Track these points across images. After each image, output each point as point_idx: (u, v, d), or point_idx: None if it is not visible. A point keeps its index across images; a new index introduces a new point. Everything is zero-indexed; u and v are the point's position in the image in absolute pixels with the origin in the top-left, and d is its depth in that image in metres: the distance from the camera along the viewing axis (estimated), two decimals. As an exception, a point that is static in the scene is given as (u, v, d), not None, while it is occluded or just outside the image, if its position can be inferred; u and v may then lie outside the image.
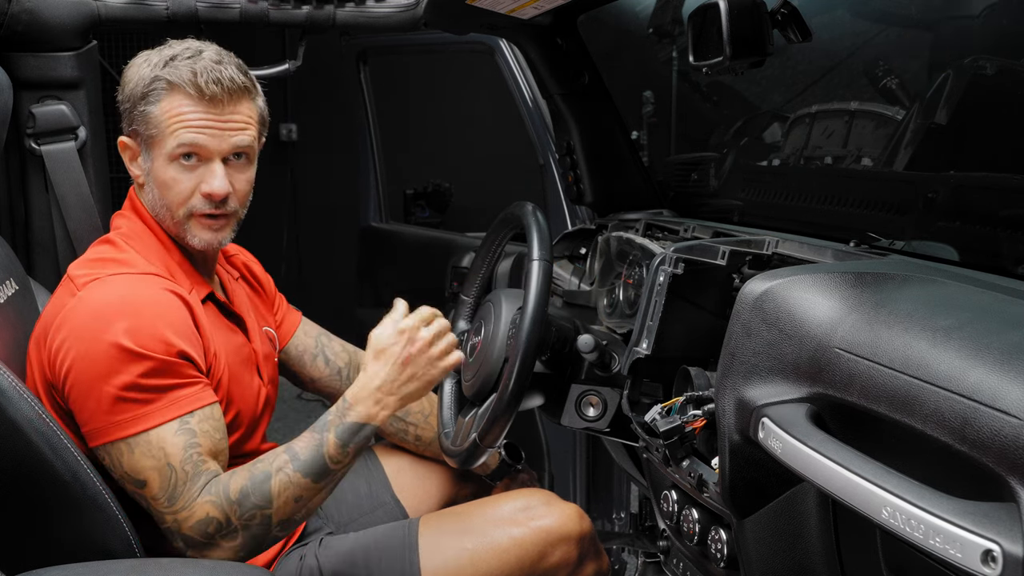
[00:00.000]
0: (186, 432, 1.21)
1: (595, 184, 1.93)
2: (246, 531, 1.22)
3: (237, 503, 1.21)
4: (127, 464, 1.19)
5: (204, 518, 1.20)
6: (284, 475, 1.24)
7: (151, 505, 1.21)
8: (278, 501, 1.23)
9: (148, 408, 1.19)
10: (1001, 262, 1.33)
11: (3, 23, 1.55)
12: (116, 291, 1.23)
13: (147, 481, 1.19)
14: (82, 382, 1.19)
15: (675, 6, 2.25)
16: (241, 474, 1.24)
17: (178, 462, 1.19)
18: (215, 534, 1.20)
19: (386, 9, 1.76)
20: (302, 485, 1.24)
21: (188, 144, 1.28)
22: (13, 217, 1.66)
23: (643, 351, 1.35)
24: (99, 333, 1.18)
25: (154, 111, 1.28)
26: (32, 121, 1.61)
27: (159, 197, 1.32)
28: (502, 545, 1.41)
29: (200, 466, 1.21)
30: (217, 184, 1.29)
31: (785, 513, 0.95)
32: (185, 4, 1.66)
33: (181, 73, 1.27)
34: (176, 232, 1.34)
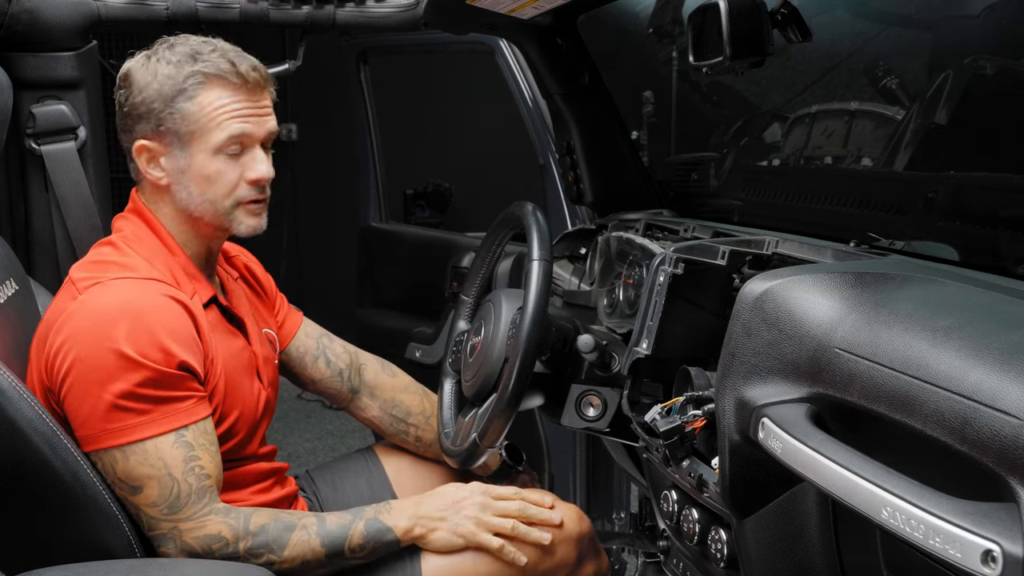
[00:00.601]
0: (184, 445, 1.21)
1: (595, 184, 1.93)
2: (246, 562, 1.23)
3: (252, 535, 1.23)
4: (121, 471, 1.19)
5: (214, 534, 1.21)
6: (306, 533, 1.26)
7: (144, 511, 1.20)
8: (290, 552, 1.25)
9: (144, 418, 1.19)
10: (1001, 262, 1.33)
11: (3, 23, 1.55)
12: (118, 296, 1.22)
13: (143, 488, 1.19)
14: (79, 386, 1.18)
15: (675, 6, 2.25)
16: (266, 512, 1.27)
17: (180, 474, 1.20)
18: (216, 552, 1.21)
19: (386, 9, 1.76)
20: (315, 552, 1.27)
21: (238, 135, 1.28)
22: (13, 217, 1.66)
23: (643, 351, 1.35)
24: (99, 338, 1.18)
25: (191, 107, 1.27)
26: (32, 121, 1.61)
27: (200, 192, 1.30)
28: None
29: (204, 481, 1.22)
30: (264, 169, 1.32)
31: (785, 513, 0.95)
32: (185, 4, 1.66)
33: (218, 64, 1.28)
34: (219, 225, 1.33)
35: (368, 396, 1.66)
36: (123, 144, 1.36)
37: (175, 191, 1.32)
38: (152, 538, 1.22)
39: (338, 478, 1.67)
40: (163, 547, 1.21)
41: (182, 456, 1.20)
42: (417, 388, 1.70)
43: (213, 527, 1.21)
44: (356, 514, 1.31)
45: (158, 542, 1.22)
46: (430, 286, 2.61)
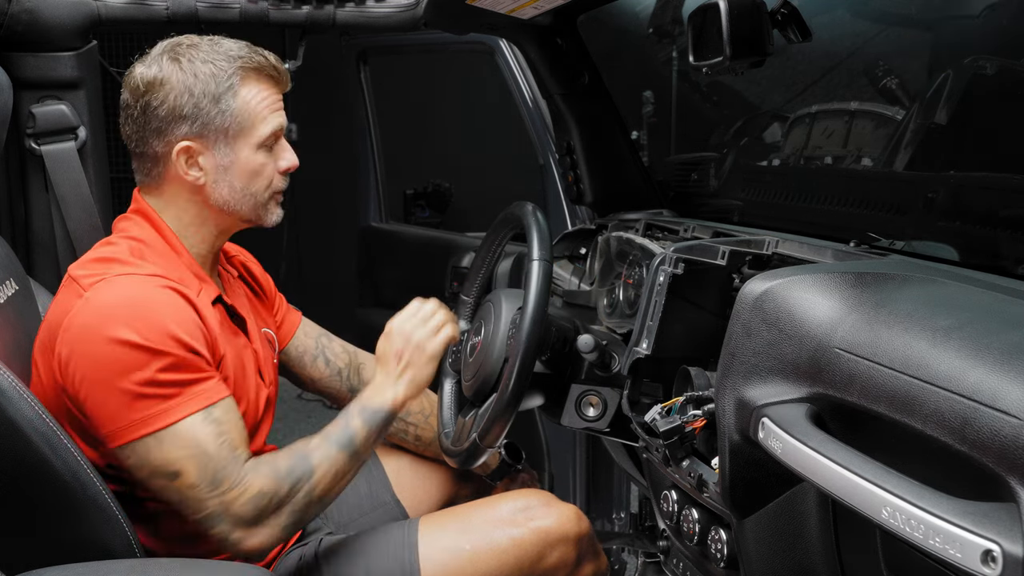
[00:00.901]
0: (213, 423, 1.21)
1: (595, 184, 1.93)
2: (291, 505, 1.25)
3: (286, 476, 1.25)
4: (157, 458, 1.19)
5: (258, 492, 1.22)
6: (322, 450, 1.30)
7: (187, 495, 1.20)
8: (319, 472, 1.28)
9: (171, 403, 1.19)
10: (1001, 262, 1.33)
11: (3, 23, 1.55)
12: (122, 291, 1.22)
13: (181, 471, 1.19)
14: (98, 383, 1.18)
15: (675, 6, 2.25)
16: (282, 454, 1.28)
17: (213, 449, 1.20)
18: (267, 508, 1.23)
19: (386, 9, 1.76)
20: (337, 459, 1.30)
21: (279, 127, 1.34)
22: (13, 217, 1.67)
23: (643, 351, 1.35)
24: (109, 333, 1.17)
25: (235, 103, 1.29)
26: (32, 121, 1.61)
27: (244, 186, 1.33)
28: (501, 545, 1.41)
29: (235, 451, 1.23)
30: (294, 157, 1.38)
31: (785, 513, 0.95)
32: (185, 4, 1.66)
33: (256, 59, 1.31)
34: (255, 216, 1.37)
35: None
36: (147, 149, 1.31)
37: (213, 189, 1.32)
38: (201, 522, 1.22)
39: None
40: (215, 528, 1.22)
41: (214, 432, 1.21)
42: None
43: (255, 486, 1.23)
44: (346, 415, 1.34)
45: (209, 524, 1.21)
46: (430, 286, 2.60)
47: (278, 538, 1.25)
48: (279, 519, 1.25)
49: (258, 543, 1.24)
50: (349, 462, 1.31)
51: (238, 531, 1.22)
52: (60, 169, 1.63)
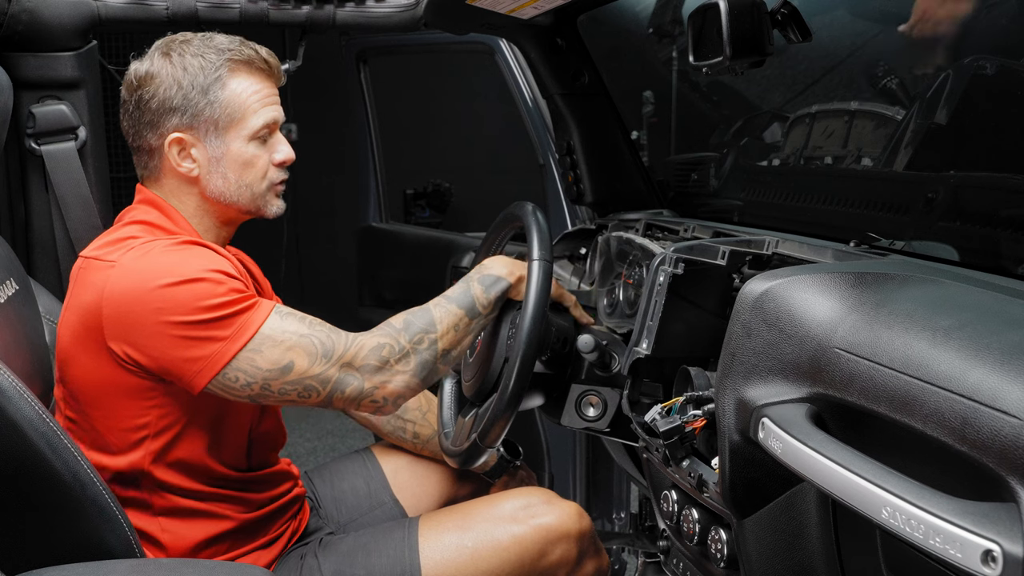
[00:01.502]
0: (289, 314, 1.26)
1: (595, 184, 1.93)
2: (417, 355, 1.30)
3: (403, 329, 1.30)
4: (264, 363, 1.21)
5: (376, 345, 1.27)
6: (442, 306, 1.34)
7: (307, 378, 1.24)
8: (441, 326, 1.32)
9: (244, 316, 1.21)
10: (1001, 262, 1.33)
11: (3, 23, 1.55)
12: (152, 252, 1.23)
13: (293, 360, 1.23)
14: (167, 332, 1.18)
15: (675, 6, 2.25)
16: (399, 315, 1.33)
17: (307, 329, 1.25)
18: (389, 357, 1.27)
19: (386, 9, 1.76)
20: (458, 315, 1.34)
21: (272, 120, 1.34)
22: (13, 217, 1.67)
23: (643, 351, 1.35)
24: (155, 284, 1.19)
25: (224, 95, 1.30)
26: (32, 121, 1.61)
27: (237, 178, 1.34)
28: (502, 543, 1.41)
29: (325, 325, 1.28)
30: (289, 150, 1.38)
31: (785, 513, 0.95)
32: (185, 4, 1.66)
33: (245, 52, 1.32)
34: (252, 208, 1.37)
35: None
36: (143, 142, 1.34)
37: (207, 180, 1.33)
38: (332, 393, 1.26)
39: (336, 478, 1.67)
40: (348, 388, 1.26)
41: (296, 319, 1.26)
42: None
43: (370, 341, 1.27)
44: (466, 280, 1.39)
45: (339, 388, 1.26)
46: (430, 286, 2.61)
47: (413, 385, 1.30)
48: (408, 366, 1.29)
49: (395, 389, 1.28)
50: (469, 321, 1.35)
51: (370, 381, 1.27)
52: (60, 169, 1.63)
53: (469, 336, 1.36)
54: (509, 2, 1.61)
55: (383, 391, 1.28)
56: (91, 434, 1.29)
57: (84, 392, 1.27)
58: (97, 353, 1.22)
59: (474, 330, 1.37)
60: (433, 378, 1.33)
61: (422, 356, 1.30)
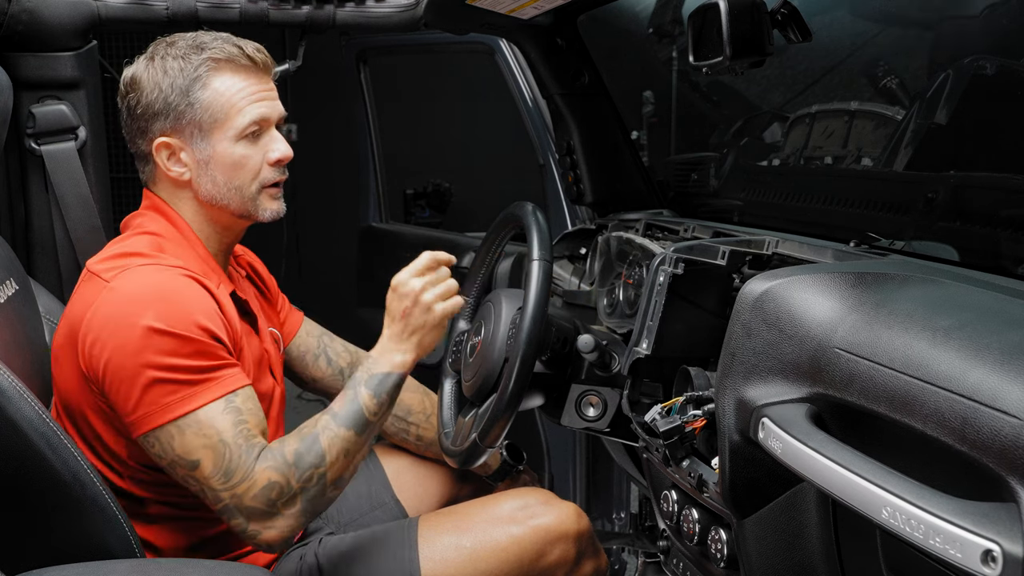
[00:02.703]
0: (233, 410, 1.21)
1: (595, 184, 1.93)
2: (304, 494, 1.22)
3: (294, 465, 1.22)
4: (179, 447, 1.18)
5: (266, 484, 1.20)
6: (330, 431, 1.25)
7: (205, 486, 1.20)
8: (330, 457, 1.24)
9: (193, 389, 1.18)
10: (1001, 262, 1.33)
11: (3, 23, 1.55)
12: (146, 279, 1.23)
13: (200, 461, 1.18)
14: (123, 370, 1.18)
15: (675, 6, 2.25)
16: (291, 439, 1.25)
17: (230, 438, 1.19)
18: (277, 500, 1.21)
19: (386, 9, 1.76)
20: (347, 438, 1.26)
21: (259, 118, 1.30)
22: (13, 217, 1.67)
23: (643, 351, 1.35)
24: (134, 319, 1.17)
25: (206, 95, 1.28)
26: (32, 121, 1.61)
27: (227, 180, 1.31)
28: (501, 544, 1.41)
29: (251, 439, 1.21)
30: (285, 148, 1.33)
31: (785, 513, 0.95)
32: (185, 4, 1.66)
33: (227, 49, 1.28)
34: (243, 211, 1.34)
35: None
36: (137, 149, 1.34)
37: (199, 184, 1.32)
38: (220, 513, 1.22)
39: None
40: (232, 520, 1.21)
41: (232, 421, 1.20)
42: (417, 387, 1.70)
43: (262, 478, 1.20)
44: (353, 386, 1.29)
45: (227, 516, 1.21)
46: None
47: (296, 527, 1.24)
48: (293, 509, 1.22)
49: (276, 535, 1.22)
50: (359, 439, 1.27)
51: (253, 524, 1.21)
52: (60, 169, 1.63)
53: (364, 450, 1.29)
54: (509, 2, 1.61)
55: (264, 536, 1.22)
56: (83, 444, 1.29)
57: (68, 401, 1.28)
58: (75, 364, 1.24)
59: (369, 438, 1.30)
60: (323, 509, 1.27)
61: (309, 495, 1.23)
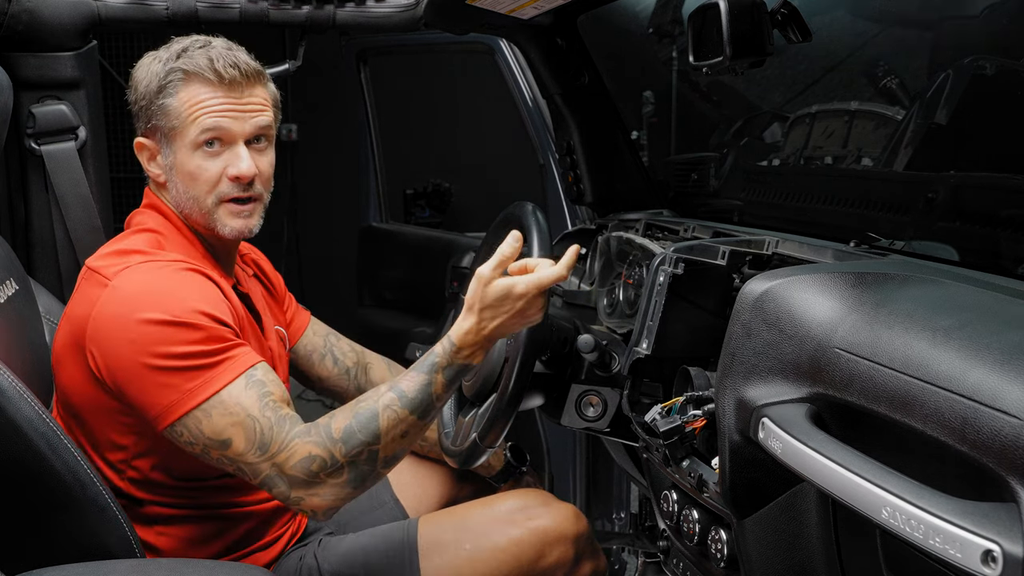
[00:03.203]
0: (255, 384, 1.20)
1: (595, 184, 1.93)
2: (353, 468, 1.20)
3: (342, 441, 1.19)
4: (207, 430, 1.18)
5: (306, 456, 1.18)
6: (393, 412, 1.22)
7: (241, 462, 1.19)
8: (386, 438, 1.21)
9: (211, 372, 1.18)
10: (1001, 262, 1.33)
11: (3, 23, 1.55)
12: (147, 276, 1.23)
13: (232, 439, 1.18)
14: (137, 367, 1.17)
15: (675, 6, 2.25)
16: (341, 415, 1.22)
17: (257, 412, 1.18)
18: (319, 472, 1.19)
19: (386, 9, 1.76)
20: (410, 422, 1.23)
21: (211, 129, 1.28)
22: (13, 217, 1.67)
23: (643, 351, 1.35)
24: (138, 316, 1.17)
25: (172, 103, 1.28)
26: (32, 121, 1.61)
27: (185, 190, 1.31)
28: (500, 545, 1.41)
29: (279, 411, 1.20)
30: (244, 166, 1.29)
31: (785, 513, 0.95)
32: (185, 4, 1.66)
33: (197, 61, 1.28)
34: (205, 224, 1.32)
35: None
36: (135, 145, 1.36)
37: (168, 189, 1.33)
38: (263, 486, 1.21)
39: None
40: (275, 489, 1.20)
41: (257, 395, 1.19)
42: None
43: (302, 450, 1.18)
44: (430, 370, 1.24)
45: (268, 486, 1.20)
46: (430, 286, 2.61)
47: (343, 496, 1.21)
48: (339, 479, 1.20)
49: (320, 503, 1.20)
50: (421, 424, 1.24)
51: (296, 491, 1.19)
52: (60, 169, 1.63)
53: (422, 432, 1.26)
54: (509, 2, 1.61)
55: (309, 503, 1.20)
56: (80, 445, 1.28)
57: (70, 402, 1.28)
58: (81, 365, 1.23)
59: (428, 425, 1.27)
60: (373, 484, 1.24)
61: (358, 469, 1.20)
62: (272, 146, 1.37)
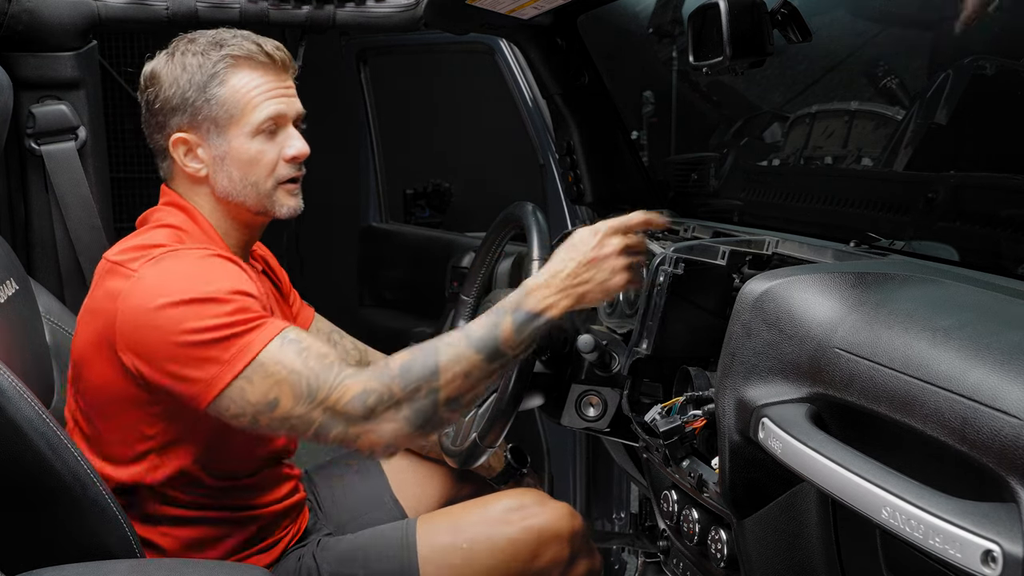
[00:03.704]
0: (290, 343, 1.18)
1: (595, 184, 1.93)
2: (411, 404, 1.16)
3: (399, 376, 1.16)
4: (252, 396, 1.16)
5: (361, 391, 1.16)
6: (455, 349, 1.18)
7: (291, 417, 1.16)
8: (446, 375, 1.17)
9: (245, 339, 1.16)
10: (1001, 262, 1.33)
11: (3, 23, 1.55)
12: (173, 264, 1.22)
13: (278, 398, 1.16)
14: (170, 349, 1.16)
15: (675, 6, 2.25)
16: (403, 353, 1.20)
17: (299, 366, 1.16)
18: (376, 406, 1.15)
19: (386, 9, 1.76)
20: (473, 361, 1.18)
21: (275, 114, 1.30)
22: (13, 217, 1.67)
23: (643, 351, 1.35)
24: (165, 300, 1.16)
25: (224, 91, 1.28)
26: (32, 121, 1.61)
27: (243, 176, 1.31)
28: (497, 545, 1.41)
29: (323, 360, 1.18)
30: (302, 144, 1.34)
31: (785, 513, 0.95)
32: (185, 4, 1.66)
33: (245, 46, 1.29)
34: (261, 208, 1.33)
35: None
36: (155, 144, 1.34)
37: (215, 180, 1.32)
38: (318, 436, 1.17)
39: (336, 477, 1.67)
40: (333, 431, 1.16)
41: (294, 351, 1.17)
42: None
43: (356, 386, 1.16)
44: (498, 312, 1.21)
45: (324, 432, 1.16)
46: (430, 286, 2.61)
47: (402, 436, 1.17)
48: (398, 415, 1.16)
49: (378, 439, 1.16)
50: (487, 366, 1.18)
51: (353, 428, 1.16)
52: (60, 169, 1.63)
53: (490, 379, 1.20)
54: (509, 2, 1.61)
55: (367, 440, 1.17)
56: (96, 442, 1.28)
57: (94, 398, 1.27)
58: (109, 360, 1.22)
59: (495, 372, 1.20)
60: (436, 427, 1.20)
61: (417, 406, 1.17)
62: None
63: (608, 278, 1.22)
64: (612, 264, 1.22)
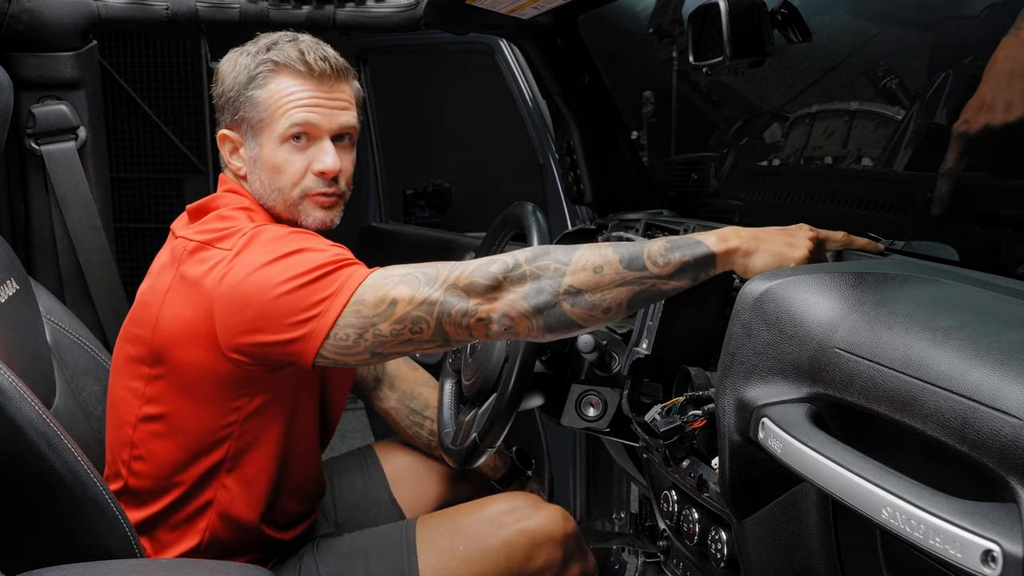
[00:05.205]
0: (393, 267, 1.17)
1: (595, 184, 1.93)
2: (536, 281, 1.10)
3: (531, 253, 1.13)
4: (368, 310, 1.13)
5: (485, 262, 1.12)
6: (595, 249, 1.13)
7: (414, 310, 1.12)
8: (578, 263, 1.11)
9: (349, 270, 1.16)
10: (1001, 262, 1.33)
11: (3, 23, 1.55)
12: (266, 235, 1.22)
13: (396, 297, 1.13)
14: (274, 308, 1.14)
15: (675, 6, 2.25)
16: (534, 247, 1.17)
17: (411, 268, 1.15)
18: (499, 274, 1.11)
19: (386, 9, 1.76)
20: (609, 260, 1.11)
21: (301, 123, 1.28)
22: (13, 217, 1.67)
23: (643, 351, 1.35)
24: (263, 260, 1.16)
25: (261, 94, 1.29)
26: (32, 121, 1.61)
27: (270, 182, 1.31)
28: (492, 547, 1.42)
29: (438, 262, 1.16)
30: (330, 161, 1.30)
31: (785, 513, 0.95)
32: (185, 4, 1.66)
33: (288, 53, 1.29)
34: (289, 215, 1.33)
35: (388, 387, 1.68)
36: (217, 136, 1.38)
37: (251, 180, 1.33)
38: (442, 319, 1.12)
39: (335, 476, 1.67)
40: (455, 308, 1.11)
41: (401, 268, 1.16)
42: (436, 383, 1.70)
43: (474, 263, 1.13)
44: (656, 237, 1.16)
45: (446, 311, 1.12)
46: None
47: (521, 309, 1.10)
48: (520, 287, 1.10)
49: (498, 306, 1.10)
50: (623, 272, 1.10)
51: (475, 299, 1.11)
52: (60, 169, 1.63)
53: (617, 289, 1.10)
54: (509, 2, 1.61)
55: (487, 307, 1.10)
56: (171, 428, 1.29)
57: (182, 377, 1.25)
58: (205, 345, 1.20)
59: (628, 283, 1.10)
60: (551, 318, 1.11)
61: (541, 283, 1.09)
62: (354, 146, 1.37)
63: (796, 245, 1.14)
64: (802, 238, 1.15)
